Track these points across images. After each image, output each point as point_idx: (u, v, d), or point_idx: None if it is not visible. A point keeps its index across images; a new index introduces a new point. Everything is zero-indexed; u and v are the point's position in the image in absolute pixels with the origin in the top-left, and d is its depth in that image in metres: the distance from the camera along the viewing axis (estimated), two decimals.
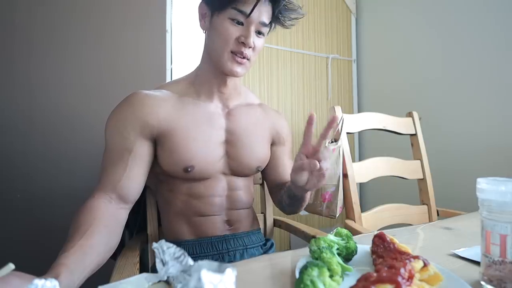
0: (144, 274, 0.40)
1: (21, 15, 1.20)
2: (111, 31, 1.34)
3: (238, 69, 0.73)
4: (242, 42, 0.70)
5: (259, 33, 0.73)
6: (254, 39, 0.72)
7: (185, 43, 1.56)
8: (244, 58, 0.72)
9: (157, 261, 0.40)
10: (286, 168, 0.91)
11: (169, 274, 0.39)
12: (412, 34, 1.86)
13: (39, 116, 1.22)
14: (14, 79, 1.20)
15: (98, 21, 1.32)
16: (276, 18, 0.75)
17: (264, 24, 0.72)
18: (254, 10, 0.69)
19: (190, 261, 0.39)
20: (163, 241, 0.40)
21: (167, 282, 0.39)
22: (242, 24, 0.71)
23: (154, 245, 0.40)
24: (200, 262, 0.35)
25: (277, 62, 1.93)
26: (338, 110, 1.14)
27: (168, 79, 1.47)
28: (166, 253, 0.39)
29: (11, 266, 0.38)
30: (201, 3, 0.77)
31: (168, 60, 1.48)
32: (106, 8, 1.34)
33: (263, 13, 0.71)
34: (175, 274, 0.38)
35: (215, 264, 0.35)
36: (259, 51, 0.76)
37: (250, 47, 0.71)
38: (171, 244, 0.40)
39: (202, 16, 0.77)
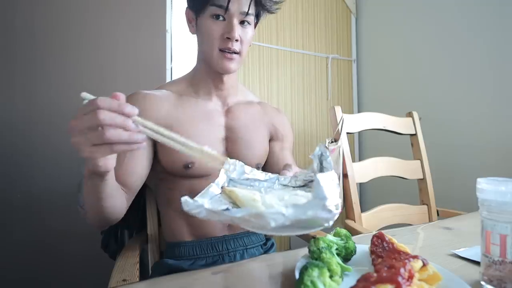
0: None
1: (22, 15, 1.20)
2: (111, 31, 1.34)
3: (230, 65, 0.74)
4: (228, 37, 0.71)
5: (243, 23, 0.74)
6: (240, 31, 0.72)
7: (185, 43, 1.56)
8: (233, 53, 0.73)
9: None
10: (285, 163, 0.90)
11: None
12: (412, 34, 1.86)
13: (39, 116, 1.22)
14: (15, 79, 1.20)
15: (98, 21, 1.32)
16: (259, 4, 0.75)
17: (246, 14, 0.72)
18: (232, 1, 0.70)
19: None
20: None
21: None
22: (224, 19, 0.72)
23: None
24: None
25: (277, 62, 1.93)
26: (338, 110, 1.14)
27: (168, 79, 1.47)
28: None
29: None
30: (186, 8, 0.79)
31: (168, 60, 1.48)
32: (106, 8, 1.34)
33: (243, 2, 0.71)
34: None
35: None
36: (250, 42, 0.76)
37: (236, 40, 0.72)
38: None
39: (189, 21, 0.79)
